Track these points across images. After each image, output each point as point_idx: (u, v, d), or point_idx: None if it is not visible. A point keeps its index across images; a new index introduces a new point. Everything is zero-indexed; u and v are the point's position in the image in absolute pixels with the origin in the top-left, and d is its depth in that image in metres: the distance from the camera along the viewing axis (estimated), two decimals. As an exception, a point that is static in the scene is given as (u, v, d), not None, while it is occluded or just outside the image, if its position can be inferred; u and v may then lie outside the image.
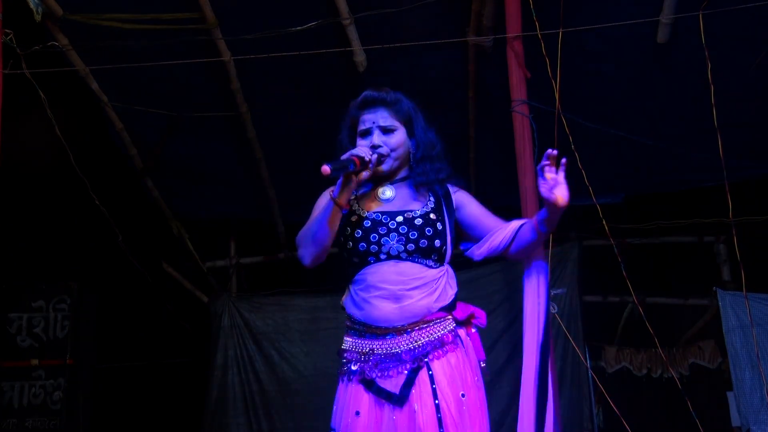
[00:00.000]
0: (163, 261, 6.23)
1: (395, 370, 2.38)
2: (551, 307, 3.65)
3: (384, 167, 2.53)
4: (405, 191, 2.56)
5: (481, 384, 2.47)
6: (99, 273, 6.10)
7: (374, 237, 2.45)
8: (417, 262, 2.43)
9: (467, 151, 5.47)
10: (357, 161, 2.38)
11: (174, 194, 5.90)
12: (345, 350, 2.51)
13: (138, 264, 5.79)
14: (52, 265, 5.98)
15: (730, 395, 5.52)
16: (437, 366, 2.37)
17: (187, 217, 6.10)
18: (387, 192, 2.56)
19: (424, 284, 2.43)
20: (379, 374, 2.39)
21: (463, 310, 2.53)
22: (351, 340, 2.50)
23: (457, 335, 2.46)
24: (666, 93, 4.91)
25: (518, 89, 3.91)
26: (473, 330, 2.57)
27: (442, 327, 2.43)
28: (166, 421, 6.13)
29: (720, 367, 5.85)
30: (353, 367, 2.45)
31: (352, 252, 2.49)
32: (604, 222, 3.93)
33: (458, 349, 2.44)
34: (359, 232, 2.48)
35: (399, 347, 2.39)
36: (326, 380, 6.00)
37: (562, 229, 5.90)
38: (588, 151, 3.97)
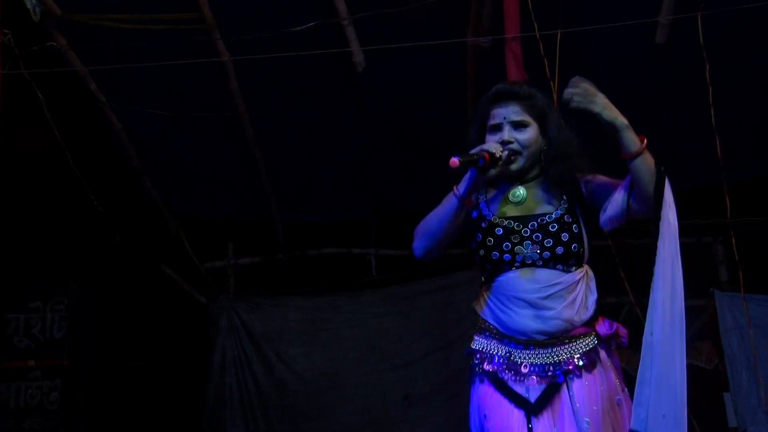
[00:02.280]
0: (161, 262, 6.22)
1: (532, 379, 2.29)
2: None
3: (514, 166, 2.39)
4: (537, 192, 2.42)
5: (618, 406, 2.32)
6: (97, 273, 6.08)
7: (507, 246, 2.34)
8: (553, 269, 2.34)
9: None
10: (487, 156, 2.28)
11: (172, 194, 5.89)
12: (477, 350, 2.40)
13: (136, 265, 5.78)
14: (50, 266, 5.96)
15: (726, 396, 5.52)
16: (577, 385, 2.27)
17: (186, 218, 6.09)
18: (518, 193, 2.42)
19: (562, 290, 2.33)
20: (513, 377, 2.31)
21: (606, 327, 2.42)
22: (485, 341, 2.39)
23: (597, 354, 2.35)
24: (664, 93, 4.91)
25: (517, 90, 3.91)
26: (613, 349, 2.44)
27: (584, 344, 2.33)
28: (164, 421, 6.11)
29: (717, 368, 5.84)
30: (486, 367, 2.35)
31: (485, 259, 2.41)
32: (601, 222, 3.93)
33: (597, 369, 2.32)
34: (491, 240, 2.37)
35: (539, 359, 2.30)
36: (325, 381, 6.00)
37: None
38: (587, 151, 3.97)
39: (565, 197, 2.38)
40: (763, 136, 5.07)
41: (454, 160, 2.23)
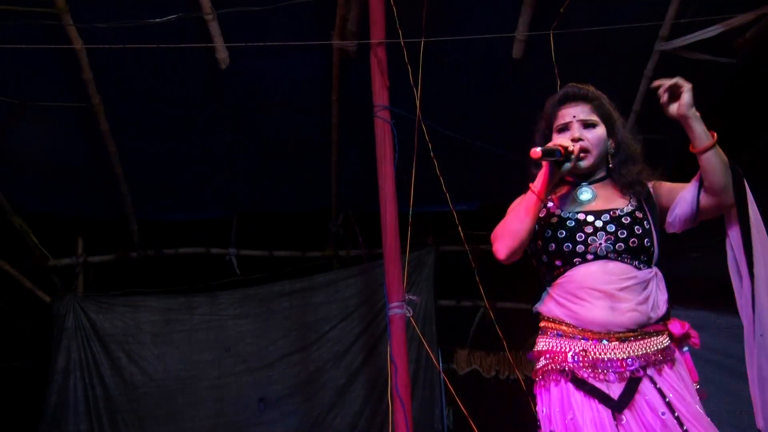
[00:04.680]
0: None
1: (612, 375, 2.27)
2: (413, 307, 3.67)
3: (584, 163, 2.42)
4: (605, 191, 2.45)
5: (700, 407, 2.33)
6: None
7: (581, 236, 2.35)
8: (626, 263, 2.33)
9: (329, 155, 5.48)
10: (562, 150, 2.32)
11: (15, 187, 5.55)
12: (545, 351, 2.40)
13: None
14: None
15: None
16: (662, 380, 2.28)
17: (30, 212, 5.75)
18: (586, 193, 2.44)
19: (636, 284, 2.32)
20: (592, 374, 2.29)
21: (679, 327, 2.39)
22: (555, 341, 2.39)
23: (672, 352, 2.34)
24: (521, 105, 5.12)
25: (380, 95, 3.97)
26: (685, 350, 2.42)
27: (659, 341, 2.32)
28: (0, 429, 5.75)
29: (562, 368, 6.15)
30: (562, 365, 2.33)
31: (555, 254, 2.40)
32: (459, 228, 4.05)
33: (675, 366, 2.33)
34: (563, 233, 2.38)
35: (615, 354, 2.28)
36: (178, 384, 5.84)
37: (419, 235, 6.06)
38: (446, 159, 4.09)
39: (633, 197, 2.42)
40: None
41: (536, 151, 2.27)
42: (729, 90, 4.86)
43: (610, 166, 2.47)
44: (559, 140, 2.40)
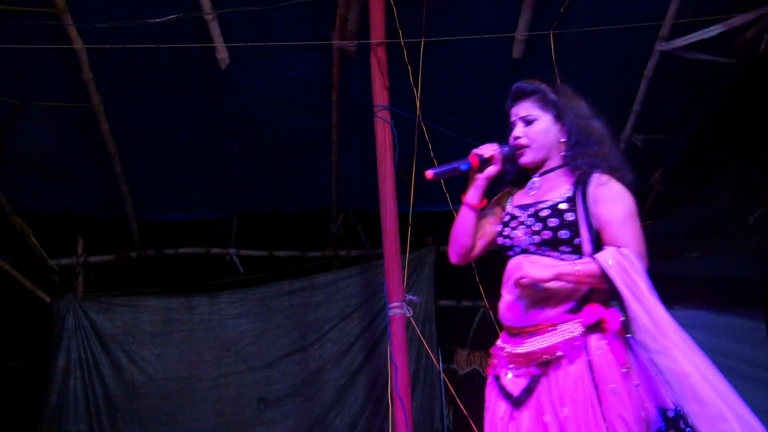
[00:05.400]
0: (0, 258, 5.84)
1: (519, 371, 2.32)
2: (407, 312, 3.69)
3: (524, 159, 2.49)
4: (552, 182, 2.44)
5: (613, 395, 2.18)
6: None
7: (507, 231, 2.44)
8: (548, 255, 2.32)
9: (329, 155, 5.48)
10: (472, 160, 2.45)
11: (16, 187, 5.54)
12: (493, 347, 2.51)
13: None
14: None
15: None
16: (560, 379, 2.24)
17: (30, 212, 5.75)
18: (532, 186, 2.49)
19: None
20: (504, 372, 2.36)
21: (591, 314, 2.27)
22: (500, 339, 2.49)
23: (582, 342, 2.25)
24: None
25: (380, 95, 3.97)
26: (605, 337, 2.28)
27: (565, 334, 2.26)
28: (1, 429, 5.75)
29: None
30: (492, 363, 2.46)
31: (499, 248, 2.49)
32: (459, 228, 4.04)
33: (580, 358, 2.23)
34: (500, 228, 2.48)
35: (524, 348, 2.32)
36: (177, 384, 5.84)
37: (419, 235, 6.06)
38: (446, 159, 4.07)
39: (573, 187, 2.38)
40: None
41: (428, 173, 2.40)
42: (729, 90, 4.86)
43: (563, 153, 2.47)
44: (478, 148, 2.49)
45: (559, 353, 2.25)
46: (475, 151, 2.49)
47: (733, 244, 4.61)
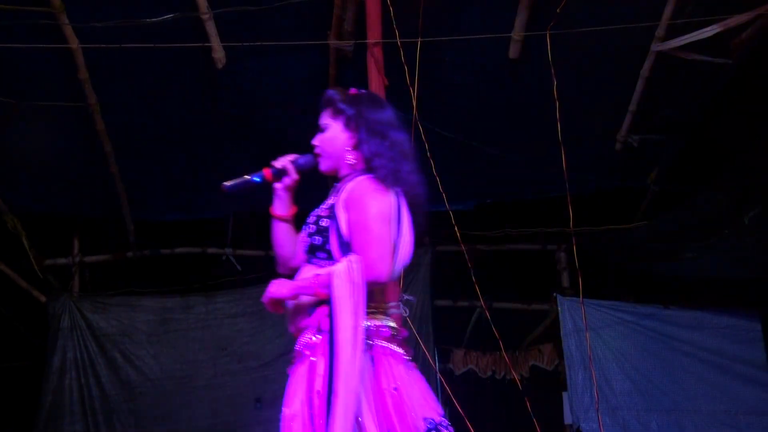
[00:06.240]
0: (-5, 258, 5.83)
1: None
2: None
3: (322, 166, 2.53)
4: (343, 188, 2.46)
5: (319, 397, 2.19)
6: None
7: (302, 236, 2.48)
8: (314, 263, 2.38)
9: (325, 154, 5.47)
10: (266, 172, 2.49)
11: (10, 187, 5.53)
12: None
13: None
14: None
15: (564, 395, 5.83)
16: (292, 374, 2.32)
17: (26, 212, 5.73)
18: (334, 191, 2.50)
19: None
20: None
21: (318, 314, 2.33)
22: None
23: (314, 344, 2.29)
24: (516, 106, 5.13)
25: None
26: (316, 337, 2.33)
27: (307, 333, 2.33)
28: (-4, 430, 5.74)
29: (556, 368, 6.17)
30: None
31: None
32: (456, 228, 4.05)
33: (308, 359, 2.28)
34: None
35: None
36: (173, 383, 5.83)
37: (415, 235, 6.05)
38: (442, 159, 4.08)
39: (339, 194, 2.43)
40: (605, 150, 5.39)
41: (224, 186, 2.43)
42: (725, 90, 4.87)
43: (346, 161, 2.49)
44: (276, 161, 2.53)
45: (302, 352, 2.31)
46: (273, 162, 2.52)
47: (729, 245, 4.62)
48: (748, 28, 4.33)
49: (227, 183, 2.44)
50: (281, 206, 2.55)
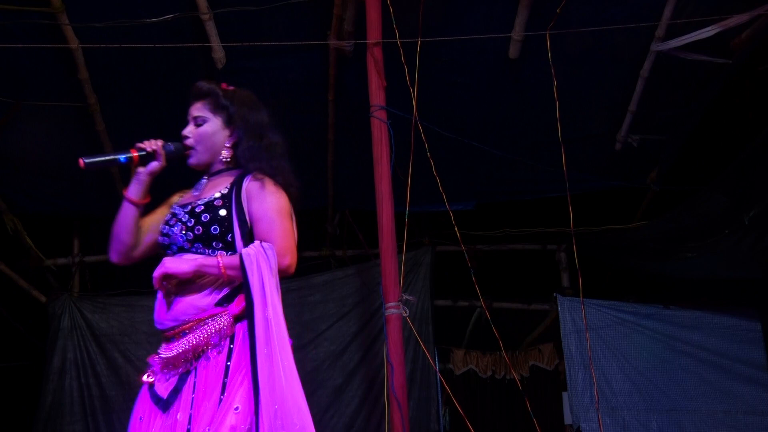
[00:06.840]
0: (-5, 258, 5.83)
1: (171, 374, 2.26)
2: None
3: (193, 160, 2.49)
4: (216, 182, 2.46)
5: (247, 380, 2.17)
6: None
7: (165, 229, 2.39)
8: (200, 252, 2.30)
9: (326, 155, 5.48)
10: (134, 153, 2.39)
11: (11, 187, 5.53)
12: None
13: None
14: None
15: (564, 395, 5.84)
16: (201, 370, 2.22)
17: (26, 212, 5.74)
18: (197, 186, 2.50)
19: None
20: (158, 378, 2.29)
21: (238, 303, 2.26)
22: (159, 349, 2.37)
23: (231, 332, 2.24)
24: (516, 106, 5.13)
25: (377, 95, 3.97)
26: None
27: (215, 325, 2.24)
28: (-4, 430, 5.74)
29: (557, 368, 6.18)
30: (146, 374, 2.35)
31: (160, 248, 2.42)
32: (456, 228, 4.05)
33: (225, 348, 2.22)
34: (161, 226, 2.42)
35: (175, 350, 2.25)
36: (173, 384, 5.83)
37: (415, 235, 6.06)
38: (442, 159, 4.09)
39: (230, 186, 2.41)
40: (605, 151, 5.40)
41: (81, 161, 2.30)
42: (725, 90, 4.87)
43: (229, 157, 2.48)
44: (143, 143, 2.45)
45: (208, 345, 2.23)
46: (139, 144, 2.44)
47: (729, 245, 4.62)
48: (748, 28, 4.33)
49: (86, 159, 2.30)
50: (138, 190, 2.46)
